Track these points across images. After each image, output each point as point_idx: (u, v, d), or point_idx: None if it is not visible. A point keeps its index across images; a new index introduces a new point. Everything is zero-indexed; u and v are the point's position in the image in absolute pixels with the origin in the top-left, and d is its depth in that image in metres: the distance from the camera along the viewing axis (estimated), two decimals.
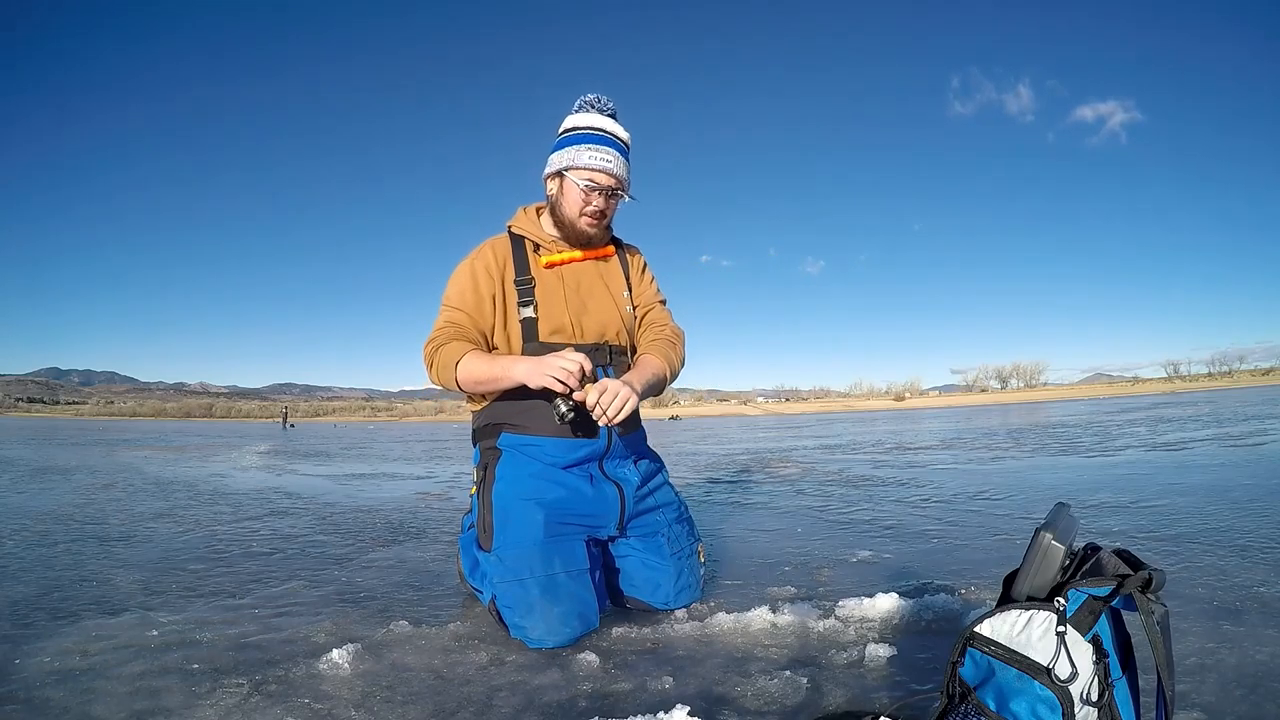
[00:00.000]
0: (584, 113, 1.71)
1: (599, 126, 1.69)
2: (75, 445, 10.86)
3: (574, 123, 1.70)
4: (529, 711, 1.16)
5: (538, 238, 1.73)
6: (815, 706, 1.15)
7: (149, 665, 1.36)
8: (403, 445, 11.20)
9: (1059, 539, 0.87)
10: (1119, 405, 19.10)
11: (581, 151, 1.65)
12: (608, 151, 1.66)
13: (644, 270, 1.89)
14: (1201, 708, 1.09)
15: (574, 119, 1.71)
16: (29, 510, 3.56)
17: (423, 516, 3.29)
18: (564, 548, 1.52)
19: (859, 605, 1.60)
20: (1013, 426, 10.40)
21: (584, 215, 1.67)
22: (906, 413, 27.29)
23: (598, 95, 1.73)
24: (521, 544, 1.51)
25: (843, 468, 5.24)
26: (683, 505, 1.79)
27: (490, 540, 1.56)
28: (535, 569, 1.48)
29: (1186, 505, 2.85)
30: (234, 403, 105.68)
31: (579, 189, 1.65)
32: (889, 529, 2.67)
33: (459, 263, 1.73)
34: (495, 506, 1.58)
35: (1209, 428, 7.36)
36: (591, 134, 1.67)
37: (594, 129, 1.68)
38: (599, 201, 1.67)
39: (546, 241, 1.73)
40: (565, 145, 1.68)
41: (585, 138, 1.67)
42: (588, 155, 1.64)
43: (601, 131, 1.68)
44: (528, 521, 1.52)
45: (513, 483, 1.58)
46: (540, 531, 1.51)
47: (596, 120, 1.69)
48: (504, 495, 1.58)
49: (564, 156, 1.67)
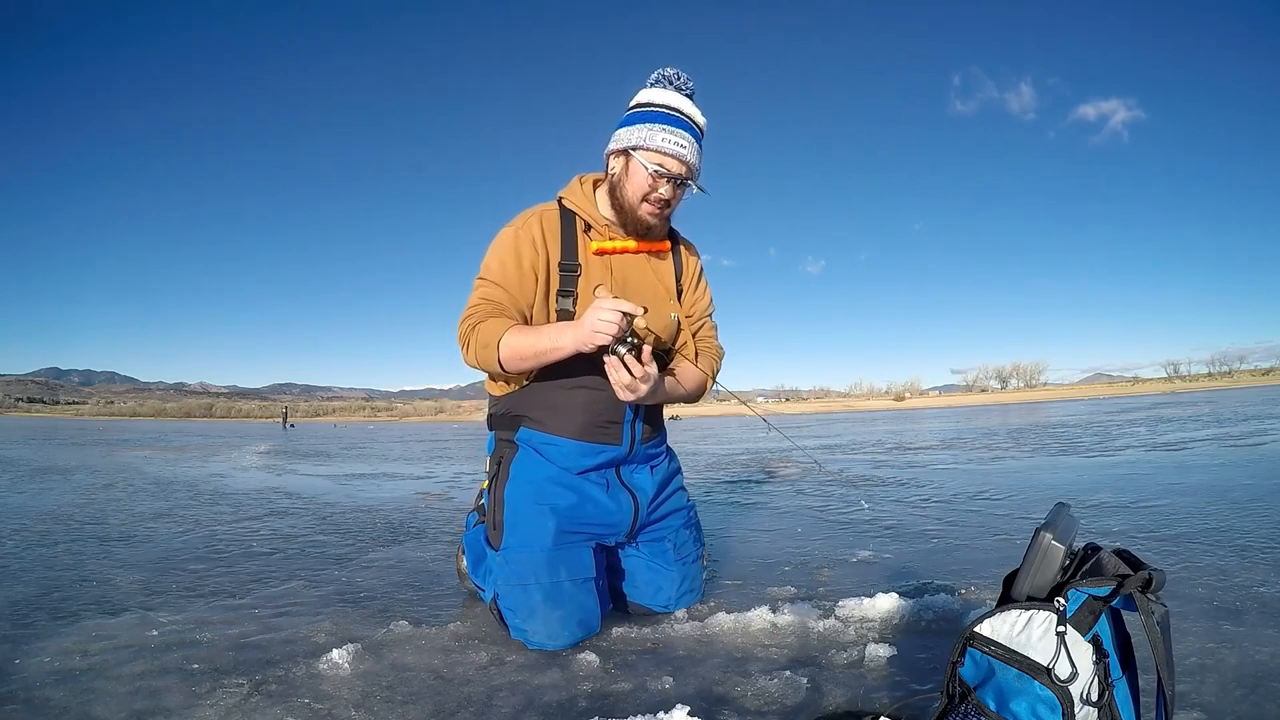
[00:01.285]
0: (660, 88, 1.56)
1: (676, 107, 1.54)
2: (75, 445, 10.86)
3: (648, 98, 1.55)
4: (529, 711, 1.16)
5: (590, 217, 1.59)
6: (815, 706, 1.15)
7: (149, 665, 1.36)
8: (403, 445, 11.20)
9: (1059, 539, 0.87)
10: (1119, 405, 19.09)
11: (655, 131, 1.50)
12: (683, 136, 1.51)
13: (699, 277, 1.76)
14: (1201, 708, 1.09)
15: (649, 94, 1.56)
16: (29, 510, 3.56)
17: (423, 516, 3.28)
18: (571, 555, 1.49)
19: (859, 605, 1.60)
20: (1013, 426, 10.40)
21: (646, 202, 1.54)
22: (906, 413, 27.29)
23: (676, 70, 1.59)
24: (529, 548, 1.48)
25: (843, 468, 5.24)
26: (692, 509, 1.77)
27: (499, 539, 1.53)
28: (541, 575, 1.46)
29: (1186, 505, 2.85)
30: (234, 403, 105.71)
31: (646, 172, 1.50)
32: (889, 529, 2.67)
33: (501, 230, 1.58)
34: (506, 505, 1.54)
35: (1209, 428, 7.36)
36: (667, 114, 1.52)
37: (670, 109, 1.53)
38: (666, 189, 1.52)
39: (600, 224, 1.60)
40: (637, 122, 1.53)
41: (660, 117, 1.52)
42: (660, 136, 1.50)
43: (678, 113, 1.53)
44: (538, 527, 1.49)
45: (526, 484, 1.54)
46: (549, 539, 1.48)
47: (674, 99, 1.54)
48: (516, 496, 1.54)
49: (634, 134, 1.52)
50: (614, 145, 1.56)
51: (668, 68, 1.58)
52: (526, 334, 1.44)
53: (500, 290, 1.52)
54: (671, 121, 1.52)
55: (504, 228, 1.58)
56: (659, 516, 1.66)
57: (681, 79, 1.57)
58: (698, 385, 1.69)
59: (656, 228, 1.60)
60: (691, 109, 1.56)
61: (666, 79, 1.57)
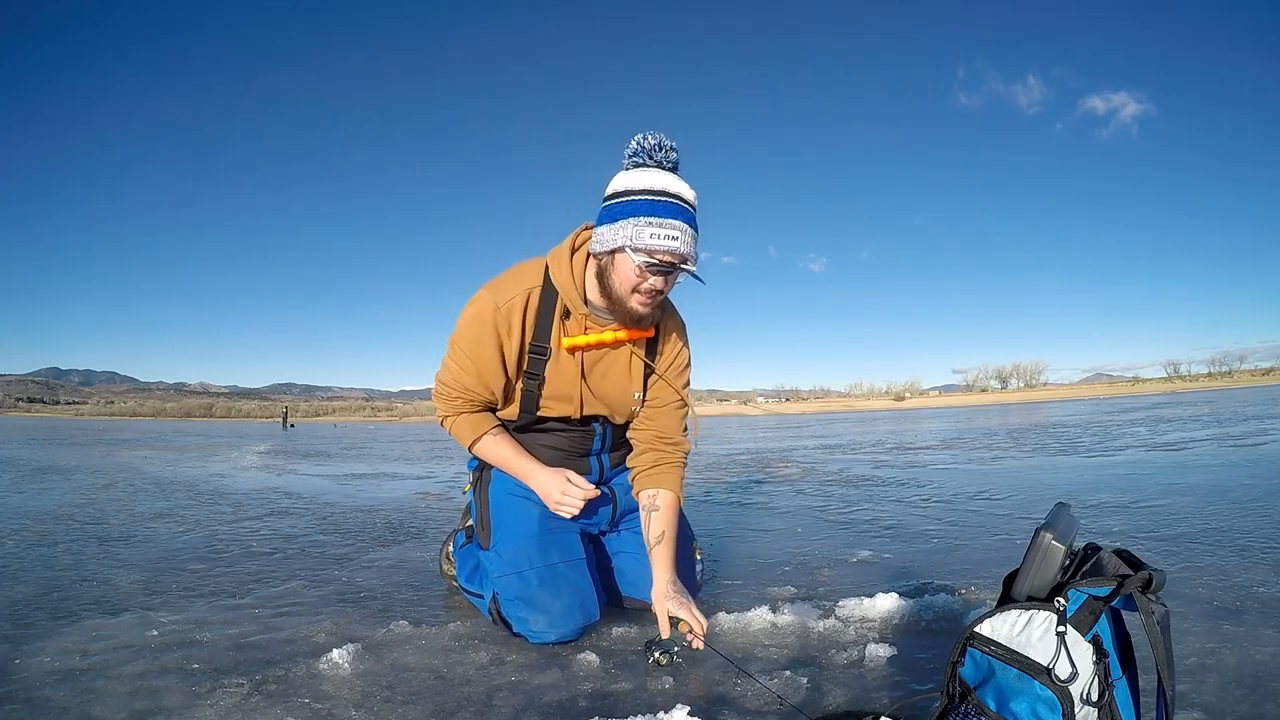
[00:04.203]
0: (643, 169, 1.39)
1: (661, 189, 1.36)
2: (75, 445, 10.85)
3: (629, 184, 1.38)
4: (529, 711, 1.16)
5: (571, 303, 1.47)
6: (815, 706, 1.15)
7: (149, 665, 1.36)
8: (403, 445, 11.20)
9: (1059, 539, 0.87)
10: (1119, 405, 19.09)
11: (643, 228, 1.33)
12: (674, 226, 1.34)
13: (676, 362, 1.61)
14: (1201, 708, 1.09)
15: (628, 178, 1.39)
16: (29, 510, 3.56)
17: (423, 516, 3.29)
18: (560, 539, 1.55)
19: (859, 605, 1.60)
20: (1013, 426, 10.40)
21: (637, 293, 1.40)
22: (907, 413, 27.28)
23: (658, 140, 1.40)
24: (518, 538, 1.54)
25: (843, 468, 5.24)
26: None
27: (488, 538, 1.59)
28: (534, 560, 1.50)
29: (1186, 505, 2.85)
30: (234, 403, 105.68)
31: (634, 264, 1.36)
32: (889, 529, 2.67)
33: (481, 292, 1.49)
34: (492, 504, 1.62)
35: (1209, 428, 7.35)
36: (653, 202, 1.35)
37: (655, 194, 1.35)
38: (656, 281, 1.38)
39: (579, 312, 1.48)
40: (621, 216, 1.36)
41: (646, 207, 1.35)
42: (650, 233, 1.33)
43: (664, 197, 1.35)
44: (523, 516, 1.56)
45: (508, 481, 1.60)
46: (535, 525, 1.54)
47: (658, 180, 1.37)
48: (499, 493, 1.61)
49: (618, 233, 1.36)
50: (598, 248, 1.41)
51: (646, 136, 1.40)
52: (500, 450, 1.57)
53: (472, 370, 1.50)
54: (659, 211, 1.34)
55: (484, 293, 1.49)
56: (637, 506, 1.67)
57: (663, 149, 1.40)
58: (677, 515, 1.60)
59: (648, 316, 1.46)
60: (679, 186, 1.38)
61: (646, 153, 1.39)
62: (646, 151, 1.40)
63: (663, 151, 1.40)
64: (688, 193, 1.39)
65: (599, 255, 1.43)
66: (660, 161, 1.40)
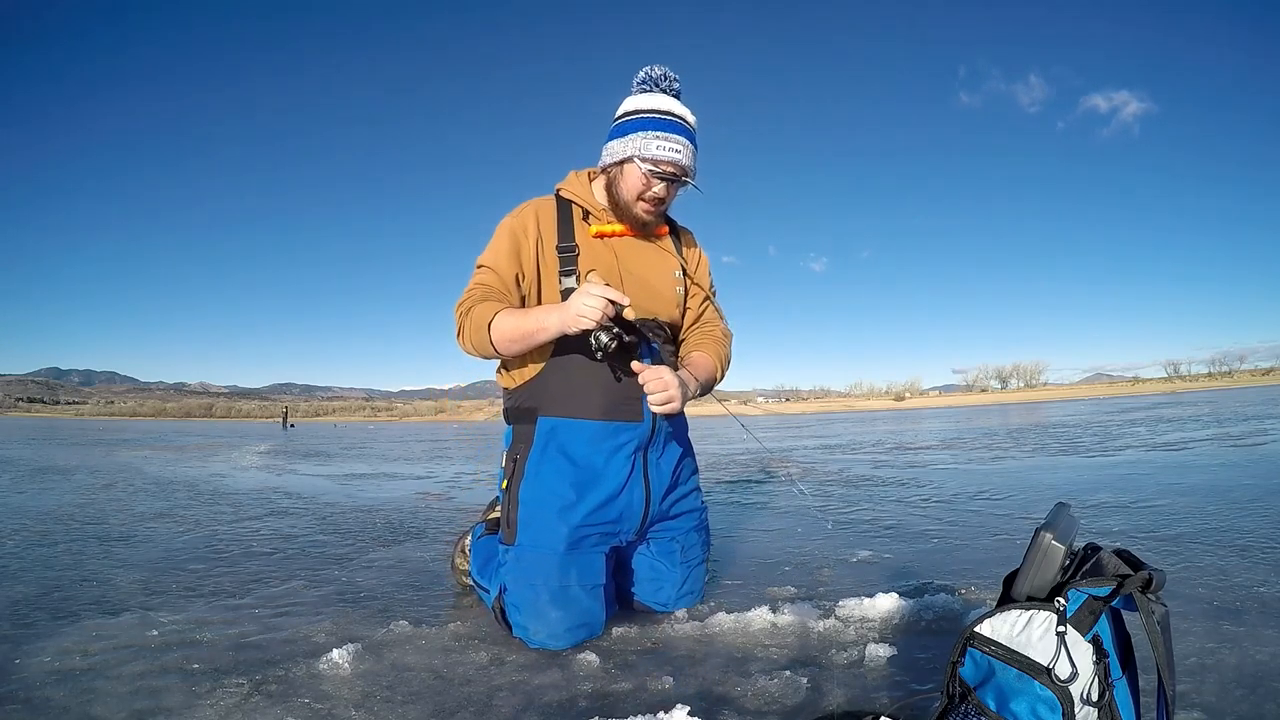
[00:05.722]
0: (649, 93, 1.57)
1: (667, 110, 1.54)
2: (75, 445, 10.85)
3: (636, 105, 1.57)
4: (529, 711, 1.16)
5: (588, 204, 1.62)
6: (815, 706, 1.15)
7: (149, 665, 1.36)
8: (403, 445, 11.20)
9: (1059, 539, 0.87)
10: (1119, 405, 19.09)
11: (649, 140, 1.51)
12: (677, 140, 1.53)
13: (699, 256, 1.78)
14: (1201, 708, 1.09)
15: (636, 100, 1.57)
16: (29, 510, 3.56)
17: (423, 516, 3.28)
18: (583, 560, 1.49)
19: (859, 605, 1.60)
20: (1013, 426, 10.40)
21: (642, 200, 1.56)
22: (907, 413, 27.29)
23: (663, 70, 1.58)
24: (541, 548, 1.48)
25: (843, 467, 5.24)
26: (704, 512, 1.76)
27: (513, 536, 1.52)
28: (550, 578, 1.45)
29: (1186, 505, 2.85)
30: (234, 403, 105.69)
31: (640, 172, 1.53)
32: (889, 529, 2.67)
33: (501, 219, 1.62)
34: (521, 505, 1.53)
35: (1209, 428, 7.35)
36: (658, 119, 1.53)
37: (661, 113, 1.54)
38: (661, 189, 1.55)
39: (597, 209, 1.62)
40: (628, 131, 1.54)
41: (653, 123, 1.52)
42: (656, 145, 1.51)
43: (669, 116, 1.54)
44: (552, 529, 1.48)
45: (542, 483, 1.53)
46: (562, 543, 1.47)
47: (663, 102, 1.55)
48: (531, 496, 1.53)
49: (627, 145, 1.54)
50: (608, 159, 1.58)
51: (654, 67, 1.58)
52: (515, 315, 1.49)
53: (494, 275, 1.56)
54: (664, 126, 1.53)
55: (504, 218, 1.62)
56: (672, 514, 1.65)
57: (668, 79, 1.58)
58: (709, 376, 1.67)
59: (652, 223, 1.62)
60: (681, 109, 1.56)
61: (653, 80, 1.58)
62: (654, 80, 1.59)
63: (668, 80, 1.59)
64: (689, 115, 1.57)
65: (608, 168, 1.59)
66: (665, 88, 1.58)
